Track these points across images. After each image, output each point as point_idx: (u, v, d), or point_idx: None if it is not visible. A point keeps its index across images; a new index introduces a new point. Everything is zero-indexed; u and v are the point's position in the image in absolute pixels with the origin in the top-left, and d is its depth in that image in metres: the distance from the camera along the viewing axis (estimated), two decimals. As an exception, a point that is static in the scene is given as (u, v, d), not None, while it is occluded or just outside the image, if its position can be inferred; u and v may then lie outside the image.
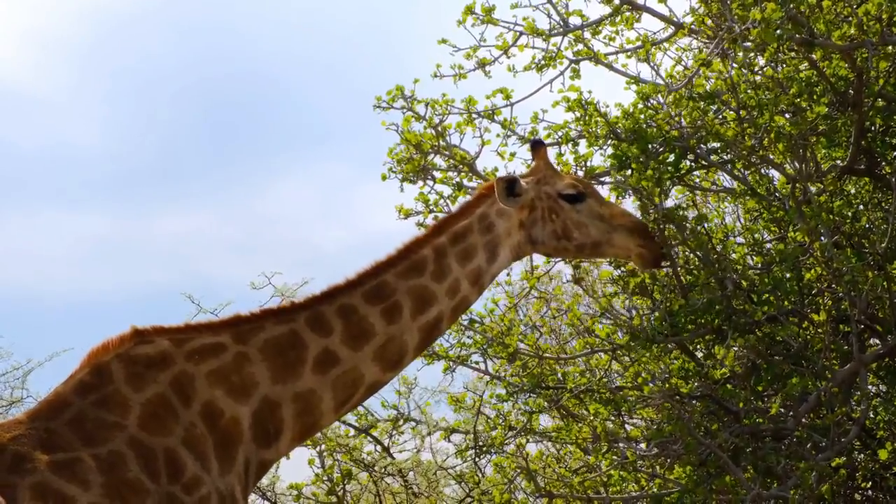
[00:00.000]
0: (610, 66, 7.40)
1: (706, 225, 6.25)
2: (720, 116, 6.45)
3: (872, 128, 6.55)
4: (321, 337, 4.80)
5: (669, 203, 6.32)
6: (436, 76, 7.26)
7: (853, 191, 6.83)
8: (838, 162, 6.65)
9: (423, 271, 5.04)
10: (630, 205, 6.72)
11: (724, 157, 6.60)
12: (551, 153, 7.16)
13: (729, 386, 5.89)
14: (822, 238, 5.97)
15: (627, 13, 7.39)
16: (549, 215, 5.37)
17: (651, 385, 5.94)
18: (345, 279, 4.94)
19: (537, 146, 5.54)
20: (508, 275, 7.22)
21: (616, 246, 5.42)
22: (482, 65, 7.33)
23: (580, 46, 7.31)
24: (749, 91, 6.20)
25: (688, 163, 6.57)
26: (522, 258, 5.54)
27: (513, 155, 7.18)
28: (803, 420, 5.99)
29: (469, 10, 7.28)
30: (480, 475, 8.53)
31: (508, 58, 7.32)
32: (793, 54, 6.54)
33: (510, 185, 5.28)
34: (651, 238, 5.49)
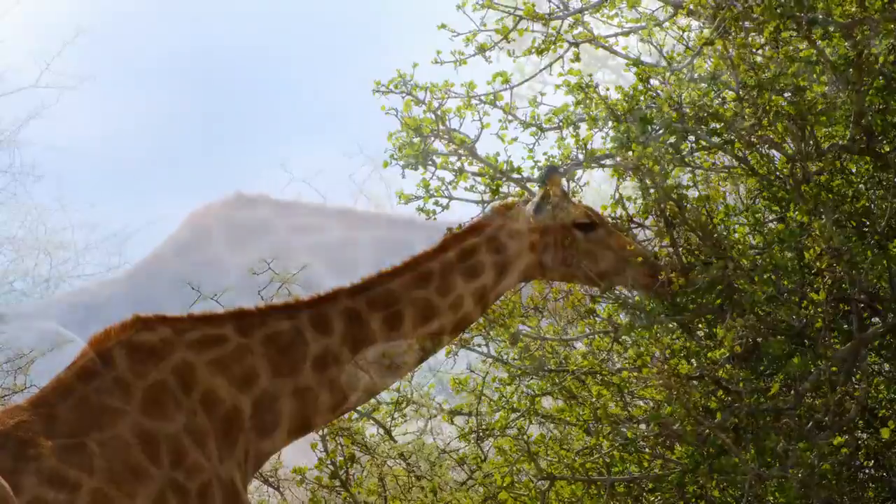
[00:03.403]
0: (610, 49, 7.37)
1: (707, 205, 6.24)
2: (720, 96, 6.43)
3: (872, 106, 6.53)
4: (323, 336, 4.85)
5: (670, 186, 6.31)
6: (436, 62, 7.22)
7: (854, 170, 6.81)
8: (838, 141, 6.63)
9: (428, 284, 5.13)
10: (630, 185, 6.72)
11: (724, 137, 6.58)
12: (551, 138, 7.16)
13: (728, 366, 5.89)
14: (822, 217, 5.96)
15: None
16: (561, 242, 5.45)
17: (649, 367, 5.95)
18: (350, 283, 5.00)
19: (551, 173, 5.60)
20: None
21: (622, 276, 5.57)
22: (482, 50, 7.30)
23: (580, 29, 7.27)
24: (749, 71, 6.18)
25: (689, 144, 6.56)
26: (530, 281, 5.63)
27: (514, 140, 7.15)
28: (804, 399, 6.00)
29: (472, -6, 7.26)
30: (483, 458, 8.54)
31: (509, 42, 7.28)
32: (793, 33, 6.51)
33: (541, 201, 5.38)
34: (656, 269, 5.64)
